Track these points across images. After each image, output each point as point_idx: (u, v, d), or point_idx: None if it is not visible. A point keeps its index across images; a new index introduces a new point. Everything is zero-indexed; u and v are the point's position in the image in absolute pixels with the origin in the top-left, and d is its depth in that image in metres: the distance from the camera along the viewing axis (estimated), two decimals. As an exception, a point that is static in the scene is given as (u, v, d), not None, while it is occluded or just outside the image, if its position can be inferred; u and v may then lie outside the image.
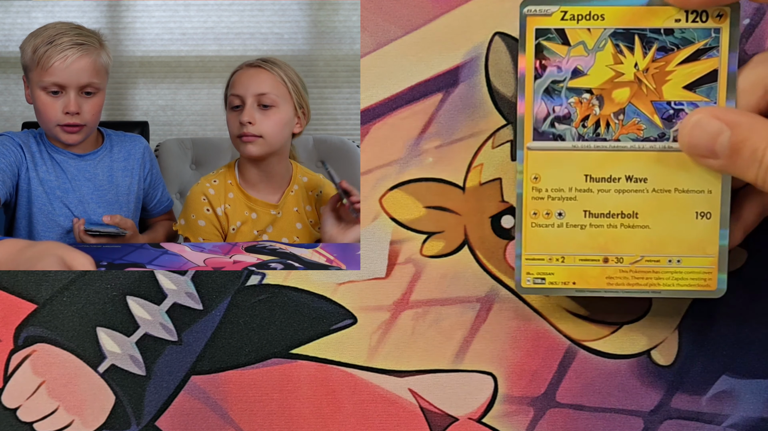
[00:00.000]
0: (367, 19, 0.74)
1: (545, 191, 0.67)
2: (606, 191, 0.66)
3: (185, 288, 0.75)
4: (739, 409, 0.74)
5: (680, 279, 0.66)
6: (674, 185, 0.65)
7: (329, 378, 0.75)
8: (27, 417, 0.75)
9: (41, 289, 0.75)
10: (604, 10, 0.65)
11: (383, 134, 0.74)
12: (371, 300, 0.75)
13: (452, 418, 0.75)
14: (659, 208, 0.66)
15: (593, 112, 0.66)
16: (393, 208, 0.74)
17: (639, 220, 0.66)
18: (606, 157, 0.66)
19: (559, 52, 0.66)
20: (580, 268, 0.67)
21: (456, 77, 0.74)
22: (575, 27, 0.65)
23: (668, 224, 0.66)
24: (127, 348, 0.75)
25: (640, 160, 0.66)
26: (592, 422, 0.75)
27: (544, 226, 0.67)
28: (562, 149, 0.66)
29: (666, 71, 0.65)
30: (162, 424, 0.75)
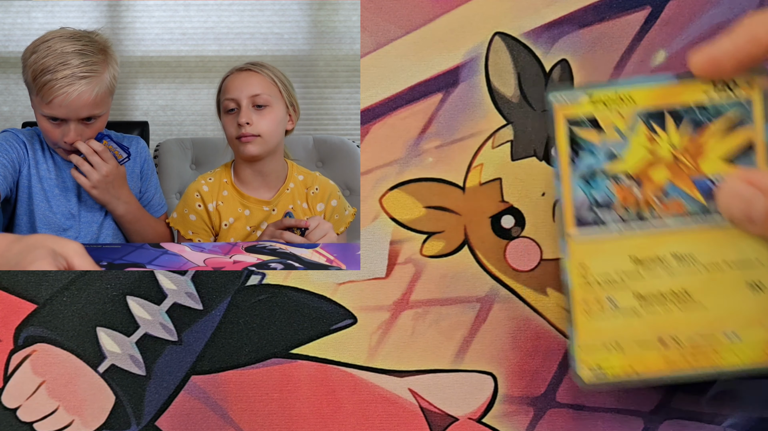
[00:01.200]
0: (367, 19, 0.74)
1: (593, 278, 0.65)
2: (655, 272, 0.65)
3: (185, 288, 0.75)
4: (739, 409, 0.74)
5: (741, 354, 0.65)
6: (723, 258, 0.64)
7: (329, 378, 0.75)
8: (27, 417, 0.75)
9: (41, 289, 0.75)
10: (632, 92, 0.64)
11: (383, 134, 0.74)
12: (371, 300, 0.75)
13: (452, 418, 0.75)
14: (711, 284, 0.64)
15: (633, 194, 0.65)
16: (393, 208, 0.74)
17: (691, 298, 0.64)
18: (651, 238, 0.65)
19: (592, 139, 0.65)
20: (639, 354, 0.65)
21: (456, 77, 0.74)
22: (606, 112, 0.65)
23: (722, 299, 0.64)
24: (127, 348, 0.75)
25: (685, 238, 0.64)
26: (592, 422, 0.75)
27: (597, 314, 0.65)
28: (606, 235, 0.65)
29: (701, 146, 0.64)
30: (162, 424, 0.75)
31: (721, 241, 0.64)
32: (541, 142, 0.75)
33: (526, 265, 0.74)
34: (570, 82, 0.75)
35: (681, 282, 0.65)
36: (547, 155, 0.75)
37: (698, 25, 0.75)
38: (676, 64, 0.75)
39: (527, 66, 0.75)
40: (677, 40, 0.75)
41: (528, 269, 0.74)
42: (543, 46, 0.75)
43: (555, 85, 0.73)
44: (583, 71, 0.75)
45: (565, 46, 0.75)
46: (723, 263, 0.64)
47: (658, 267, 0.65)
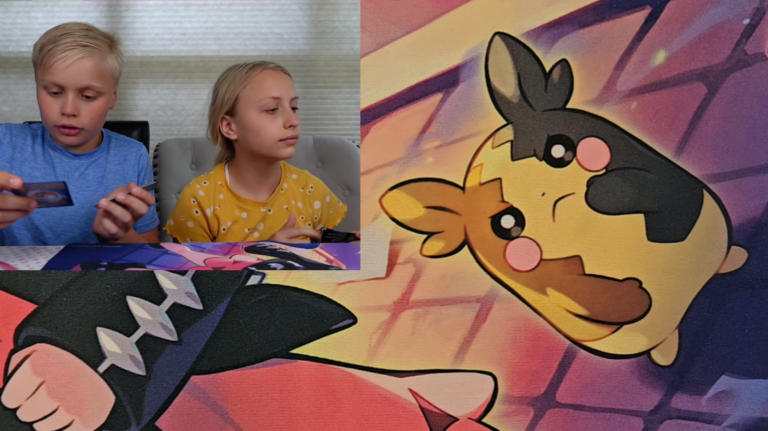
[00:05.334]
0: (367, 19, 0.74)
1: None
2: None
3: (185, 288, 0.75)
4: (739, 409, 0.74)
5: None
6: None
7: (329, 378, 0.75)
8: (27, 417, 0.75)
9: (41, 289, 0.75)
10: None
11: (383, 134, 0.74)
12: (371, 300, 0.75)
13: (452, 418, 0.75)
14: None
15: None
16: (393, 208, 0.74)
17: None
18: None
19: None
20: None
21: (456, 77, 0.74)
22: None
23: None
24: (127, 348, 0.75)
25: None
26: (592, 422, 0.75)
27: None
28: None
29: None
30: (162, 424, 0.75)
31: None
32: (541, 142, 0.75)
33: (526, 265, 0.74)
34: (570, 81, 0.75)
35: None
36: (547, 155, 0.75)
37: (698, 25, 0.75)
38: (676, 64, 0.75)
39: (527, 66, 0.75)
40: (677, 40, 0.75)
41: (528, 269, 0.74)
42: (543, 46, 0.75)
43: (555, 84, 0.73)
44: (583, 71, 0.75)
45: (565, 46, 0.75)
46: None
47: None
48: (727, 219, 0.74)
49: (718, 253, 0.74)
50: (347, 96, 1.69)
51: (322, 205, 1.14)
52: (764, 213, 0.74)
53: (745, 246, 0.73)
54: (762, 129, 0.75)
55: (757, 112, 0.75)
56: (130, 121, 1.57)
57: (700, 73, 0.75)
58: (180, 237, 1.09)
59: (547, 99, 0.74)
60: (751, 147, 0.75)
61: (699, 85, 0.75)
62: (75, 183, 1.06)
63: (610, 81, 0.75)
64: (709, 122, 0.75)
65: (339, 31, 1.66)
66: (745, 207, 0.75)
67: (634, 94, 0.75)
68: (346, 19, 1.66)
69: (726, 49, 0.74)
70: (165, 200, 1.35)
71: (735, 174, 0.75)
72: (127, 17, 1.63)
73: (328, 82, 1.69)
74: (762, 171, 0.75)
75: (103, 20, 1.61)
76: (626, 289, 0.74)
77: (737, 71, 0.74)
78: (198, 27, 1.64)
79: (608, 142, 0.74)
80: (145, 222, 1.09)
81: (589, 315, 0.74)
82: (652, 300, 0.74)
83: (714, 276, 0.74)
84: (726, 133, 0.75)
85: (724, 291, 0.74)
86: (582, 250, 0.74)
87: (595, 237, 0.74)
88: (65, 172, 1.05)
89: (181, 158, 1.45)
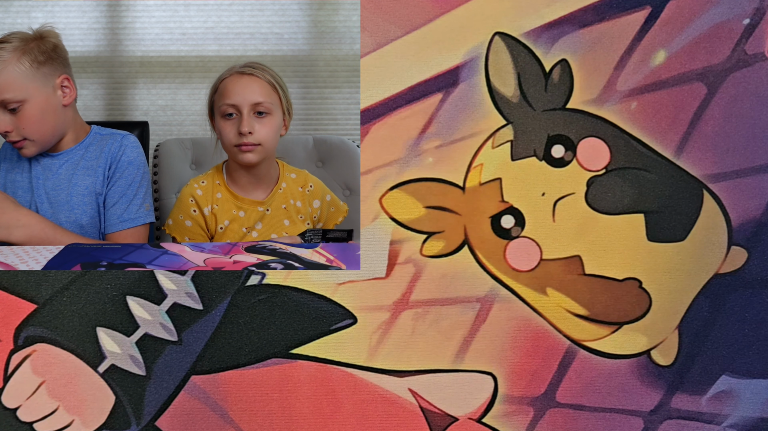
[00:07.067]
0: (367, 19, 0.74)
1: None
2: None
3: (185, 288, 0.75)
4: (739, 409, 0.74)
5: None
6: None
7: (329, 378, 0.75)
8: (27, 417, 0.75)
9: (41, 289, 0.75)
10: None
11: (383, 134, 0.74)
12: (371, 300, 0.75)
13: (452, 418, 0.75)
14: None
15: None
16: (393, 208, 0.74)
17: None
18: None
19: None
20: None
21: (456, 77, 0.74)
22: None
23: None
24: (127, 348, 0.75)
25: None
26: (592, 422, 0.75)
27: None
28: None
29: None
30: (162, 424, 0.75)
31: None
32: (541, 142, 0.75)
33: (526, 265, 0.74)
34: (570, 81, 0.75)
35: None
36: (547, 155, 0.75)
37: (698, 25, 0.75)
38: (676, 64, 0.75)
39: (527, 66, 0.75)
40: (677, 40, 0.75)
41: (528, 269, 0.74)
42: (543, 46, 0.75)
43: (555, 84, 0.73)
44: (583, 71, 0.75)
45: (565, 46, 0.75)
46: None
47: None
48: (727, 219, 0.74)
49: (718, 253, 0.74)
50: (347, 96, 1.69)
51: (321, 203, 1.14)
52: (764, 213, 0.74)
53: (745, 246, 0.73)
54: (762, 129, 0.75)
55: (757, 112, 0.75)
56: (130, 121, 1.57)
57: (700, 73, 0.75)
58: (178, 236, 1.09)
59: (547, 99, 0.74)
60: (751, 147, 0.75)
61: (699, 85, 0.75)
62: (43, 184, 1.06)
63: (610, 81, 0.75)
64: (709, 122, 0.75)
65: (339, 31, 1.67)
66: (745, 207, 0.75)
67: (634, 94, 0.75)
68: (346, 19, 1.66)
69: (726, 49, 0.74)
70: (165, 200, 1.35)
71: (735, 174, 0.75)
72: (127, 17, 1.63)
73: (328, 82, 1.69)
74: (762, 171, 0.75)
75: (103, 20, 1.61)
76: (626, 289, 0.74)
77: (737, 71, 0.74)
78: (198, 27, 1.64)
79: (608, 142, 0.74)
80: (120, 220, 1.05)
81: (589, 315, 0.74)
82: (652, 300, 0.74)
83: (714, 276, 0.74)
84: (726, 133, 0.75)
85: (724, 291, 0.74)
86: (582, 250, 0.74)
87: (595, 237, 0.74)
88: (37, 174, 1.06)
89: (180, 158, 1.45)
